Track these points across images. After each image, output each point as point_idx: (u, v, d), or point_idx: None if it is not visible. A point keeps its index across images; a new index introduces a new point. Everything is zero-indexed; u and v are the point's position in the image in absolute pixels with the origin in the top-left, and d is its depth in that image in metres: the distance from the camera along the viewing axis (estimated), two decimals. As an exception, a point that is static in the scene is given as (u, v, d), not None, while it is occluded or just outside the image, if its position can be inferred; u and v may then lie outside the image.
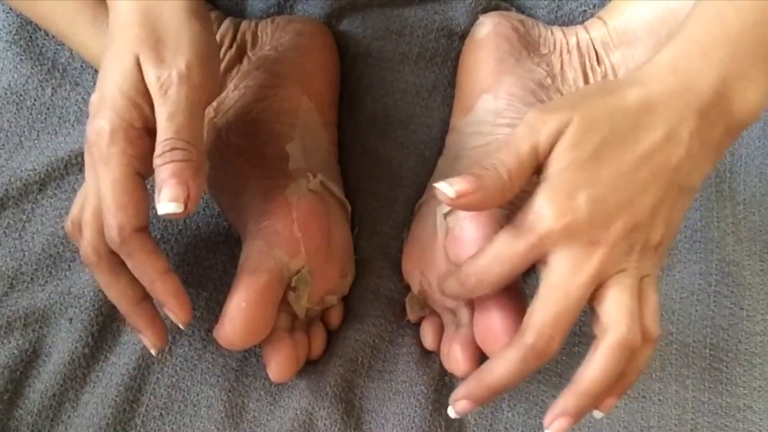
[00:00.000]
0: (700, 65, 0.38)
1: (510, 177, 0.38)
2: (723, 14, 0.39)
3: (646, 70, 0.39)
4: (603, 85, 0.42)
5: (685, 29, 0.39)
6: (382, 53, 0.55)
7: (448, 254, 0.46)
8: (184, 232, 0.51)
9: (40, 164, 0.52)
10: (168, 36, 0.40)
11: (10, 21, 0.56)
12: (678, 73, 0.38)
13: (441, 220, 0.47)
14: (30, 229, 0.51)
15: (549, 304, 0.38)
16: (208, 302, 0.50)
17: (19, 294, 0.50)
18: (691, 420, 0.48)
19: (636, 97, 0.38)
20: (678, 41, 0.39)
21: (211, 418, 0.47)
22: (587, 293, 0.38)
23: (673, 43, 0.39)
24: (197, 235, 0.51)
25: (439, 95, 0.55)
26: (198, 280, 0.50)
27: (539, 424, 0.48)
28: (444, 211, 0.47)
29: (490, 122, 0.50)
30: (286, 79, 0.51)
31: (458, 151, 0.51)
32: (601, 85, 0.44)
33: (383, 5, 0.56)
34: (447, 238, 0.46)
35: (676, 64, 0.38)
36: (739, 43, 0.38)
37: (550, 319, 0.37)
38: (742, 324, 0.50)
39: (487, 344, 0.43)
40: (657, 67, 0.39)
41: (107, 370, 0.48)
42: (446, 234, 0.46)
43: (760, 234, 0.52)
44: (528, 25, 0.54)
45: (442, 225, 0.47)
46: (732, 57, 0.38)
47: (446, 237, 0.46)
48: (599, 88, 0.40)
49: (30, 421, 0.47)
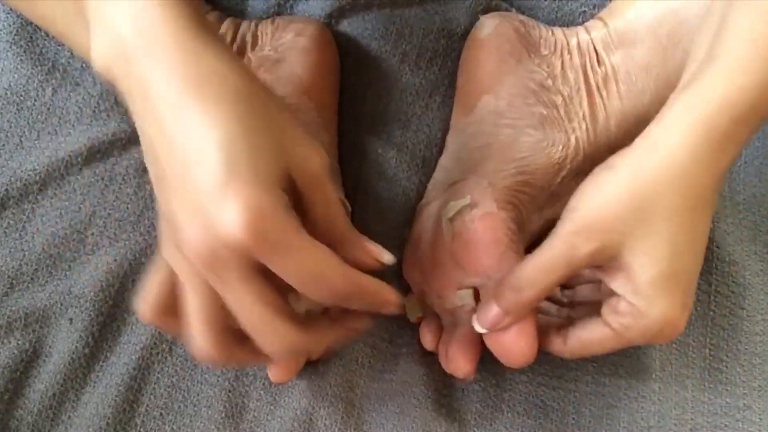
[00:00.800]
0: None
1: (539, 298, 0.41)
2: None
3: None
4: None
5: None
6: (382, 53, 0.55)
7: (456, 259, 0.46)
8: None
9: (40, 164, 0.52)
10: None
11: (11, 21, 0.56)
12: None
13: (447, 224, 0.47)
14: (30, 229, 0.51)
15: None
16: (209, 302, 0.50)
17: (19, 294, 0.50)
18: (690, 420, 0.48)
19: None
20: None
21: (211, 418, 0.47)
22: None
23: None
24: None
25: (439, 95, 0.55)
26: (198, 280, 0.50)
27: (539, 424, 0.48)
28: (449, 215, 0.47)
29: (491, 122, 0.50)
30: (286, 80, 0.51)
31: (459, 151, 0.51)
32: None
33: (383, 5, 0.56)
34: (454, 242, 0.46)
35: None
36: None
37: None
38: (742, 324, 0.50)
39: (504, 359, 0.43)
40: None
41: (107, 370, 0.48)
42: (453, 238, 0.46)
43: (760, 234, 0.52)
44: (529, 26, 0.54)
45: (449, 229, 0.47)
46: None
47: (453, 241, 0.46)
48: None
49: (30, 421, 0.47)
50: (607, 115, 0.51)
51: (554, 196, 0.50)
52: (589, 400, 0.48)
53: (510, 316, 0.41)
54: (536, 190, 0.49)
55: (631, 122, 0.51)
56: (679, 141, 0.37)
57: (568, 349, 0.44)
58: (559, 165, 0.49)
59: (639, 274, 0.39)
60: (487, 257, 0.44)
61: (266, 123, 0.35)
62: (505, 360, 0.44)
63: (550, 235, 0.40)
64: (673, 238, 0.38)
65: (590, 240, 0.38)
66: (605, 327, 0.42)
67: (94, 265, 0.50)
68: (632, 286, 0.39)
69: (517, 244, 0.46)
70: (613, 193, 0.38)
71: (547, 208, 0.51)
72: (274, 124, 0.35)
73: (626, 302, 0.40)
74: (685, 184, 0.38)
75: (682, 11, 0.50)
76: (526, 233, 0.49)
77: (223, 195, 0.32)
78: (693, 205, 0.38)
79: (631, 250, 0.38)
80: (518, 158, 0.49)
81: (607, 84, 0.51)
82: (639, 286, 0.39)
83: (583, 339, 0.43)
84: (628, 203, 0.38)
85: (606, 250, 0.39)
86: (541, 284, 0.40)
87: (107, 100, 0.54)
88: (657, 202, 0.38)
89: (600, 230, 0.38)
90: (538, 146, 0.49)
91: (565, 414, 0.48)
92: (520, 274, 0.41)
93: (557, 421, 0.48)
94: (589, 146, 0.51)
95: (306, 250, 0.34)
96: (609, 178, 0.39)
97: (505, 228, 0.45)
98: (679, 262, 0.39)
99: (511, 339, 0.42)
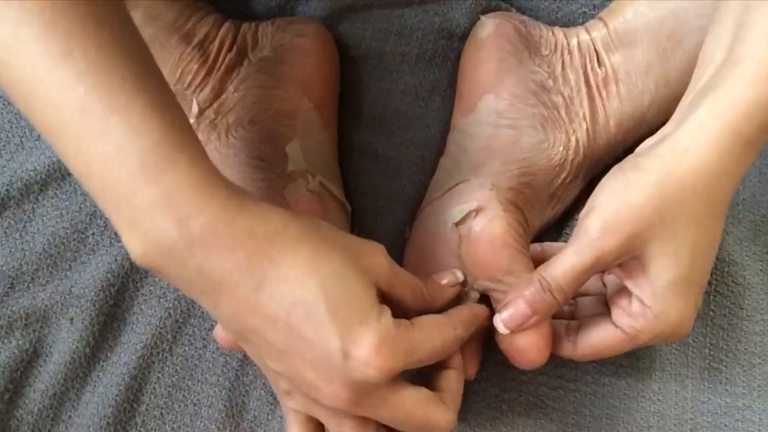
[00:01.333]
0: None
1: (569, 297, 0.41)
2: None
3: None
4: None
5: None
6: (381, 54, 0.55)
7: (464, 263, 0.46)
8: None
9: (41, 164, 0.52)
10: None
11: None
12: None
13: (452, 228, 0.47)
14: (31, 229, 0.51)
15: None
16: (209, 302, 0.50)
17: (20, 294, 0.50)
18: (690, 420, 0.48)
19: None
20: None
21: (212, 417, 0.47)
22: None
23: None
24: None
25: (439, 95, 0.55)
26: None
27: (539, 424, 0.48)
28: (455, 220, 0.47)
29: (492, 123, 0.50)
30: (286, 81, 0.51)
31: (460, 151, 0.51)
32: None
33: (383, 6, 0.56)
34: (461, 247, 0.46)
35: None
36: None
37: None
38: (742, 324, 0.50)
39: (517, 361, 0.44)
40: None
41: (108, 370, 0.48)
42: (459, 242, 0.46)
43: (760, 234, 0.52)
44: (529, 26, 0.54)
45: (454, 234, 0.47)
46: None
47: (460, 246, 0.46)
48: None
49: (31, 421, 0.47)
50: (606, 115, 0.51)
51: (554, 197, 0.50)
52: (589, 400, 0.48)
53: (538, 315, 0.41)
54: (538, 191, 0.49)
55: (630, 122, 0.51)
56: (708, 148, 0.38)
57: (578, 354, 0.44)
58: (560, 166, 0.49)
59: (659, 276, 0.39)
60: (497, 261, 0.45)
61: (339, 253, 0.37)
62: (517, 362, 0.44)
63: (576, 234, 0.41)
64: (694, 242, 0.39)
65: (617, 237, 0.39)
66: (616, 330, 0.42)
67: (95, 264, 0.50)
68: (651, 288, 0.40)
69: (524, 245, 0.46)
70: (642, 194, 0.39)
71: (547, 209, 0.51)
72: (341, 248, 0.37)
73: (639, 304, 0.40)
74: (710, 191, 0.38)
75: (682, 12, 0.50)
76: (530, 234, 0.49)
77: (348, 349, 0.35)
78: (714, 212, 0.39)
79: (653, 252, 0.39)
80: (520, 159, 0.49)
81: (607, 84, 0.51)
82: (657, 288, 0.39)
83: (594, 344, 0.43)
84: (656, 206, 0.38)
85: (631, 250, 0.39)
86: (573, 282, 0.41)
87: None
88: (683, 207, 0.38)
89: (627, 230, 0.39)
90: (539, 147, 0.49)
91: (565, 414, 0.48)
92: (552, 273, 0.41)
93: (557, 421, 0.48)
94: (588, 147, 0.51)
95: (426, 334, 0.39)
96: (639, 179, 0.39)
97: (512, 231, 0.46)
98: (697, 266, 0.40)
99: (530, 341, 0.43)
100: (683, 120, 0.39)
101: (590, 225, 0.40)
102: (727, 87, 0.38)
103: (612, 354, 0.43)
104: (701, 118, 0.38)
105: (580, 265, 0.40)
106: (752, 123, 0.37)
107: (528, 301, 0.41)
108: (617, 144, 0.52)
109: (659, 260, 0.39)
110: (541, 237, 0.51)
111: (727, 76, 0.38)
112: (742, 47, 0.38)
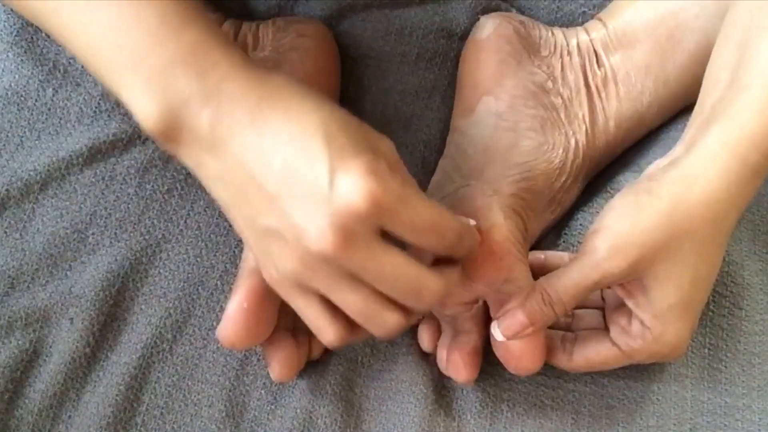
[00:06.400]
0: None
1: (568, 311, 0.42)
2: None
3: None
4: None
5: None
6: (382, 54, 0.55)
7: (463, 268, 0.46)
8: (185, 232, 0.52)
9: (41, 164, 0.52)
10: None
11: (11, 22, 0.56)
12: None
13: None
14: (31, 229, 0.51)
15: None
16: (209, 302, 0.50)
17: (19, 294, 0.50)
18: (690, 420, 0.48)
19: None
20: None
21: (212, 417, 0.47)
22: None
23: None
24: (198, 235, 0.52)
25: (439, 96, 0.55)
26: (199, 279, 0.50)
27: (539, 424, 0.48)
28: None
29: (491, 125, 0.50)
30: (286, 80, 0.51)
31: (460, 153, 0.51)
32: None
33: (383, 6, 0.56)
34: None
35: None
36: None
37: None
38: (741, 324, 0.50)
39: (512, 367, 0.45)
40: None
41: (108, 370, 0.48)
42: None
43: (759, 234, 0.52)
44: (529, 27, 0.54)
45: None
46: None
47: None
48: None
49: (30, 421, 0.47)
50: (606, 116, 0.51)
51: (554, 200, 0.50)
52: (588, 400, 0.48)
53: (535, 327, 0.42)
54: (538, 195, 0.49)
55: (629, 123, 0.52)
56: (716, 177, 0.39)
57: (572, 366, 0.45)
58: (560, 169, 0.49)
59: (660, 300, 0.40)
60: (496, 270, 0.44)
61: (342, 113, 0.36)
62: (512, 368, 0.45)
63: (582, 250, 0.41)
64: (697, 268, 0.40)
65: (625, 259, 0.39)
66: (613, 347, 0.43)
67: (95, 265, 0.50)
68: (651, 310, 0.40)
69: (523, 252, 0.46)
70: (653, 220, 0.39)
71: (547, 213, 0.51)
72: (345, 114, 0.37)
73: (639, 324, 0.41)
74: (717, 218, 0.39)
75: (681, 13, 0.50)
76: (529, 240, 0.49)
77: (336, 173, 0.33)
78: (718, 240, 0.40)
79: (657, 275, 0.40)
80: (521, 163, 0.48)
81: (607, 85, 0.51)
82: (658, 310, 0.40)
83: (589, 357, 0.44)
84: (664, 231, 0.39)
85: (635, 272, 0.40)
86: (574, 298, 0.41)
87: (108, 101, 0.54)
88: (690, 234, 0.39)
89: (635, 254, 0.39)
90: (539, 150, 0.49)
91: (564, 414, 0.48)
92: (554, 287, 0.41)
93: (556, 421, 0.48)
94: (588, 148, 0.51)
95: (422, 201, 0.35)
96: (650, 203, 0.40)
97: (513, 239, 0.45)
98: (697, 291, 0.41)
99: (524, 348, 0.43)
100: (693, 145, 0.40)
101: (599, 245, 0.40)
102: (734, 114, 0.39)
103: (605, 368, 0.45)
104: (711, 147, 0.39)
105: (583, 284, 0.41)
106: (759, 152, 0.38)
107: (527, 312, 0.42)
108: (616, 145, 0.52)
109: (662, 283, 0.40)
110: (540, 239, 0.52)
111: (734, 101, 0.39)
112: (747, 74, 0.39)
